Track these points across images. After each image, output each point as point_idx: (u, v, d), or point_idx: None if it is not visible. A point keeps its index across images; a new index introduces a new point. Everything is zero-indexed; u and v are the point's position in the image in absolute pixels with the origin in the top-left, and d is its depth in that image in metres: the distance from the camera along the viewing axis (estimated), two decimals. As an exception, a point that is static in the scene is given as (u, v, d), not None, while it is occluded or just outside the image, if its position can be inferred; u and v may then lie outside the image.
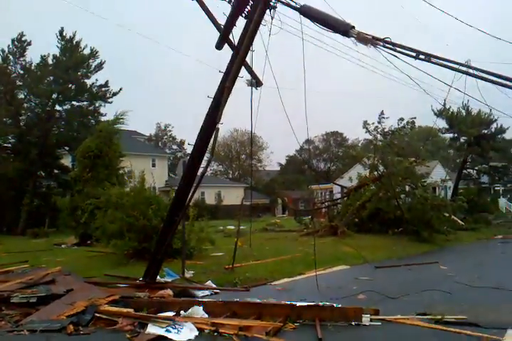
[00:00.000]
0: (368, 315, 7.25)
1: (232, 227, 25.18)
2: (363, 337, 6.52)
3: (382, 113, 26.39)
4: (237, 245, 12.45)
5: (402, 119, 55.98)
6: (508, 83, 7.19)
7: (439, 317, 7.19)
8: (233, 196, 50.17)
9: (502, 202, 48.01)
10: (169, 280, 10.54)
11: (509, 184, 39.97)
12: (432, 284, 10.22)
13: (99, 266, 13.04)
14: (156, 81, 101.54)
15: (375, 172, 23.36)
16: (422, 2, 9.81)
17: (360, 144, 71.75)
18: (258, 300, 7.84)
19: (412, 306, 8.06)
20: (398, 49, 7.94)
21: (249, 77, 10.56)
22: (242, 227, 16.66)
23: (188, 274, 11.30)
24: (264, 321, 7.02)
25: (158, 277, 10.07)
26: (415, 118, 59.07)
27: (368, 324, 7.03)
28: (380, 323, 7.09)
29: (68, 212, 21.70)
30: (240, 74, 9.65)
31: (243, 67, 9.80)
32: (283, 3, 8.76)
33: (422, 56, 7.78)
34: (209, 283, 10.42)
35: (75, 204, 20.94)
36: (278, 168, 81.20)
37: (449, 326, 6.79)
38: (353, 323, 7.04)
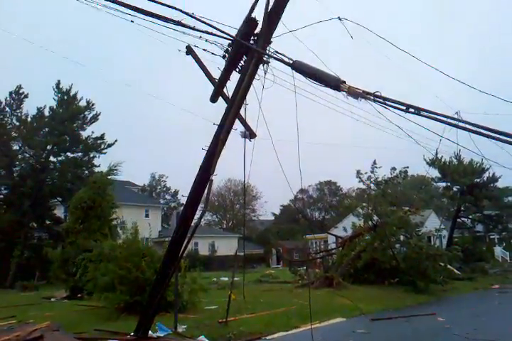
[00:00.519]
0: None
1: (226, 279, 24.78)
2: None
3: (374, 162, 26.67)
4: (231, 298, 12.20)
5: (394, 169, 56.58)
6: (498, 136, 7.37)
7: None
8: (227, 246, 49.65)
9: (498, 250, 47.70)
10: (161, 335, 10.26)
11: (504, 232, 39.86)
12: (429, 337, 10.07)
13: (89, 320, 12.69)
14: (152, 131, 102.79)
15: (370, 222, 23.36)
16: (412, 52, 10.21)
17: (354, 193, 71.99)
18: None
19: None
20: (388, 102, 8.20)
21: (242, 128, 10.81)
22: (235, 279, 16.42)
23: (181, 329, 11.01)
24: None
25: (150, 332, 9.81)
26: (408, 167, 59.52)
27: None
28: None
29: (59, 264, 21.34)
30: (234, 127, 9.87)
31: (237, 120, 10.04)
32: (276, 58, 9.10)
33: (411, 109, 8.00)
34: (202, 338, 10.15)
35: (67, 257, 20.64)
36: (272, 218, 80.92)
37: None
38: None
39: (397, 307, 16.14)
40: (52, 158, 34.02)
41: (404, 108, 8.09)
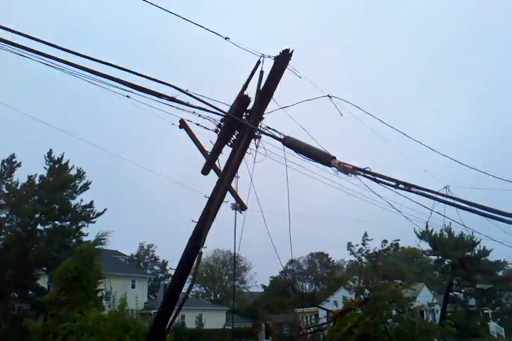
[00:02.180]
0: None
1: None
2: None
3: (365, 234, 26.71)
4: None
5: (385, 241, 56.41)
6: (483, 211, 7.52)
7: None
8: (215, 319, 48.07)
9: (492, 326, 46.45)
10: None
11: (498, 307, 39.11)
12: None
13: None
14: (142, 202, 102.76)
15: (361, 296, 22.87)
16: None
17: (345, 265, 71.10)
18: None
19: None
20: (378, 178, 8.41)
21: (233, 200, 10.91)
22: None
23: None
24: None
25: None
26: (399, 240, 59.44)
27: None
28: None
29: (39, 337, 20.41)
30: (225, 199, 9.99)
31: (228, 192, 10.17)
32: (267, 134, 9.41)
33: (401, 185, 8.21)
34: None
35: (48, 329, 19.78)
36: (262, 290, 79.02)
37: None
38: None
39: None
40: (39, 227, 33.68)
41: (394, 184, 8.31)
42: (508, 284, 35.78)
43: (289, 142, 9.27)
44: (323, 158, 8.79)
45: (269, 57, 9.16)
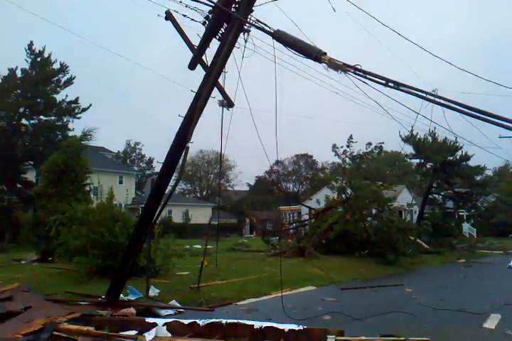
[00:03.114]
0: (333, 336, 7.20)
1: (199, 246, 24.94)
2: (327, 358, 6.47)
3: (351, 137, 26.83)
4: (203, 264, 12.30)
5: (370, 144, 57.19)
6: (472, 112, 7.42)
7: (403, 338, 7.21)
8: (201, 215, 49.92)
9: (465, 227, 49.06)
10: (133, 298, 10.31)
11: (473, 210, 40.85)
12: (397, 306, 10.29)
13: (60, 283, 12.64)
14: (128, 99, 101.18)
15: (343, 195, 23.63)
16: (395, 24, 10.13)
17: (329, 167, 72.64)
18: (223, 321, 7.70)
19: (376, 327, 8.09)
20: (368, 76, 8.16)
21: (221, 97, 10.66)
22: (209, 247, 16.51)
23: (154, 293, 11.07)
24: (229, 342, 6.92)
25: (121, 295, 9.85)
26: (383, 143, 60.27)
27: (332, 345, 6.99)
28: (345, 344, 7.07)
29: (30, 227, 21.09)
30: (212, 95, 9.72)
31: (215, 88, 9.88)
32: (257, 27, 8.90)
33: (391, 84, 8.00)
34: (173, 302, 10.23)
35: (38, 220, 20.37)
36: (247, 188, 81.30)
37: (412, 347, 6.83)
38: (318, 344, 7.00)
39: (367, 277, 16.55)
40: (24, 121, 33.16)
41: (384, 82, 8.10)
42: (485, 189, 37.05)
43: (278, 35, 8.81)
44: (314, 53, 8.42)
45: None
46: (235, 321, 7.62)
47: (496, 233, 54.39)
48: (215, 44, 9.52)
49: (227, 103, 10.86)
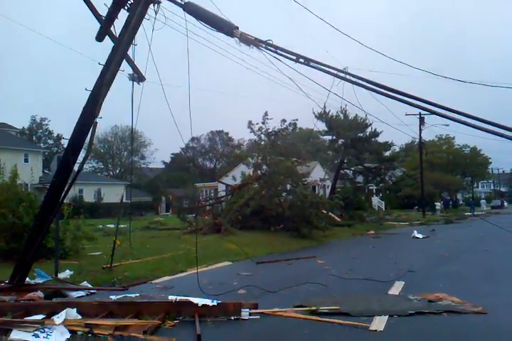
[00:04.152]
0: (247, 310, 7.33)
1: (112, 226, 24.25)
2: (241, 331, 6.56)
3: (266, 114, 26.94)
4: (116, 244, 11.96)
5: (284, 121, 57.94)
6: (380, 90, 7.64)
7: (314, 308, 7.48)
8: (114, 194, 48.36)
9: (375, 200, 51.70)
10: (40, 281, 9.81)
11: (381, 184, 42.93)
12: (309, 277, 10.62)
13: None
14: (32, 73, 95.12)
15: (259, 171, 23.88)
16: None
17: (245, 144, 73.02)
18: (136, 299, 7.54)
19: (289, 299, 8.30)
20: (280, 51, 8.17)
21: (131, 71, 10.24)
22: (122, 226, 16.11)
23: (64, 275, 10.61)
24: (143, 320, 6.80)
25: (27, 279, 9.33)
26: (297, 120, 61.44)
27: (247, 318, 7.11)
28: (258, 317, 7.20)
29: None
30: (121, 68, 9.31)
31: (125, 61, 9.46)
32: (166, -2, 8.58)
33: (301, 60, 8.06)
34: (85, 283, 9.87)
35: None
36: (163, 166, 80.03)
37: (323, 316, 7.10)
38: (233, 318, 7.08)
39: (282, 251, 16.96)
40: None
41: (294, 58, 8.16)
42: (392, 164, 39.04)
43: (190, 8, 8.58)
44: (226, 28, 8.31)
45: None
46: (148, 299, 7.52)
47: (402, 205, 57.84)
48: (124, 15, 9.08)
49: (137, 77, 10.48)
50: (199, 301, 7.29)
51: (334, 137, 36.87)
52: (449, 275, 11.47)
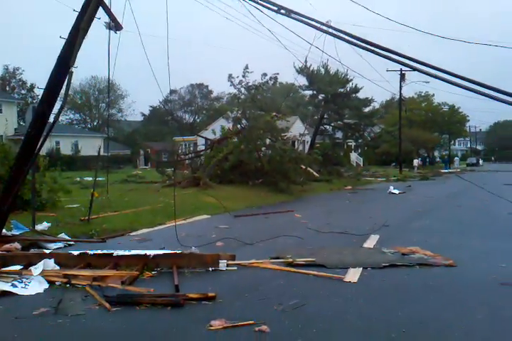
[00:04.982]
0: (225, 261, 7.44)
1: (90, 179, 24.11)
2: (218, 281, 6.67)
3: (246, 67, 26.43)
4: (94, 196, 11.90)
5: (265, 74, 57.10)
6: (362, 44, 7.49)
7: (290, 260, 7.63)
8: (91, 147, 47.73)
9: (353, 156, 52.18)
10: (17, 233, 9.78)
11: (360, 140, 43.20)
12: (287, 231, 10.79)
13: None
14: (4, 20, 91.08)
15: (238, 126, 23.72)
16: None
17: (225, 97, 72.15)
18: (114, 251, 7.59)
19: (266, 251, 8.45)
20: (260, 2, 7.89)
21: (107, 19, 9.84)
22: (100, 179, 15.99)
23: (41, 227, 10.57)
24: (121, 271, 6.86)
25: (4, 230, 9.28)
26: (278, 74, 60.51)
27: (224, 269, 7.23)
28: (236, 268, 7.33)
29: None
30: (97, 16, 8.92)
31: (101, 8, 9.05)
32: None
33: (283, 11, 7.81)
34: (62, 235, 9.86)
35: None
36: (141, 119, 78.84)
37: (299, 268, 7.27)
38: (211, 269, 7.19)
39: (260, 205, 17.12)
40: None
41: (275, 9, 7.90)
42: (372, 120, 39.18)
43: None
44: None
45: None
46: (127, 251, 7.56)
47: (380, 162, 58.56)
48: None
49: (114, 25, 10.08)
50: (177, 253, 7.38)
51: (315, 92, 36.63)
52: (422, 229, 11.78)
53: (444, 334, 4.83)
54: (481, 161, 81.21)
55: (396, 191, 23.17)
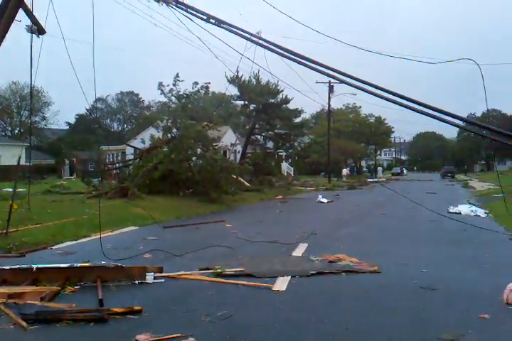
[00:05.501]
0: (152, 274, 7.25)
1: (10, 190, 22.85)
2: (145, 294, 6.47)
3: (177, 75, 26.13)
4: (13, 208, 11.24)
5: (196, 83, 56.66)
6: (291, 56, 7.62)
7: (220, 270, 7.55)
8: (11, 156, 45.34)
9: (284, 166, 52.95)
10: None
11: (290, 150, 43.91)
12: (217, 241, 10.71)
13: None
14: None
15: (168, 135, 23.41)
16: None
17: (155, 106, 71.13)
18: (33, 265, 7.18)
19: (196, 262, 8.33)
20: (190, 11, 7.87)
21: (29, 22, 9.43)
22: (20, 189, 15.20)
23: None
24: (40, 286, 6.50)
25: None
26: (209, 83, 60.43)
27: (151, 282, 7.04)
28: (163, 280, 7.16)
29: None
30: (17, 18, 8.52)
31: (22, 10, 8.66)
32: None
33: (212, 20, 7.82)
34: (-24, 250, 9.26)
35: None
36: (66, 127, 76.08)
37: (228, 278, 7.21)
38: (137, 282, 6.97)
39: (190, 215, 16.92)
40: None
41: (205, 18, 7.89)
42: (302, 130, 40.00)
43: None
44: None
45: None
46: (47, 265, 7.19)
47: (310, 171, 59.85)
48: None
49: (37, 29, 9.67)
50: (101, 266, 7.10)
51: (246, 102, 36.91)
52: (349, 236, 12.09)
53: (369, 339, 4.93)
54: (405, 171, 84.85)
55: (325, 200, 23.68)
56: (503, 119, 71.07)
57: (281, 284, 6.90)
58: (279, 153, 49.29)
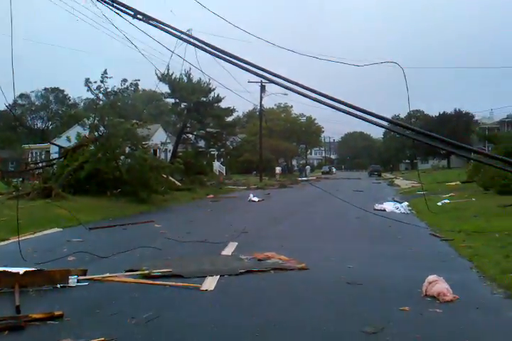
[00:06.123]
0: (76, 277, 6.97)
1: None
2: (67, 299, 6.21)
3: (105, 72, 25.42)
4: None
5: (125, 80, 55.37)
6: (223, 56, 7.56)
7: (146, 272, 7.38)
8: None
9: (216, 165, 52.75)
10: None
11: (222, 149, 43.83)
12: (145, 242, 10.48)
13: None
14: None
15: (96, 133, 22.67)
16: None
17: (82, 103, 68.74)
18: None
19: (122, 264, 8.09)
20: (116, 5, 7.63)
21: None
22: None
23: None
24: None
25: None
26: (139, 80, 59.31)
27: (74, 285, 6.76)
28: (87, 283, 6.91)
29: None
30: None
31: None
32: None
33: (140, 16, 7.61)
34: None
35: None
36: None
37: (155, 280, 7.06)
38: (59, 286, 6.68)
39: (118, 216, 16.45)
40: None
41: (132, 13, 7.66)
42: (233, 129, 40.08)
43: None
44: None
45: None
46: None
47: (242, 170, 60.00)
48: None
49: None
50: (19, 270, 6.73)
51: (177, 100, 36.49)
52: (279, 234, 12.23)
53: (295, 334, 4.99)
54: (334, 169, 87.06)
55: (256, 199, 23.83)
56: (425, 120, 74.51)
57: (210, 284, 6.85)
58: (211, 152, 49.12)
